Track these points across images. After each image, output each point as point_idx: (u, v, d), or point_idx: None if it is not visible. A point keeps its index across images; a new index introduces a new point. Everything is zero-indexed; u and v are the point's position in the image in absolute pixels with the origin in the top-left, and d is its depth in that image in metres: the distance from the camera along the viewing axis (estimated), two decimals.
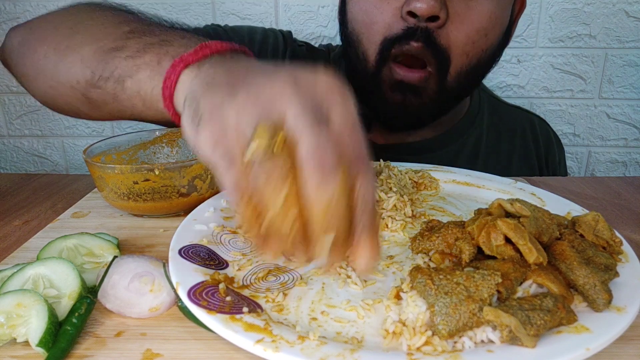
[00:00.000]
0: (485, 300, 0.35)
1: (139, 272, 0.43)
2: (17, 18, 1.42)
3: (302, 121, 0.32)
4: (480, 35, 0.71)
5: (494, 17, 0.71)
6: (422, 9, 0.66)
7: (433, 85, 0.73)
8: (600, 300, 0.37)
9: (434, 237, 0.45)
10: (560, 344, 0.34)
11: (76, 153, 1.59)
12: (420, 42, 0.69)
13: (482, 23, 0.70)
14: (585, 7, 1.38)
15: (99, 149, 0.65)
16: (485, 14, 0.70)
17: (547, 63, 1.44)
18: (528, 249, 0.39)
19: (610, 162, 1.55)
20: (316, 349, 0.33)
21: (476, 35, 0.70)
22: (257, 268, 0.46)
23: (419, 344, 0.35)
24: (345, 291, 0.43)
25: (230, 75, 0.41)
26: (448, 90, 0.74)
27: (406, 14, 0.68)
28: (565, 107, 1.49)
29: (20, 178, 0.78)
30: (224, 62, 0.45)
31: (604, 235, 0.45)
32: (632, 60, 1.43)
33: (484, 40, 0.72)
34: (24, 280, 0.42)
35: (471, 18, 0.69)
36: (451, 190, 0.67)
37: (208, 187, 0.61)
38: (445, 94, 0.75)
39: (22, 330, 0.37)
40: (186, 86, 0.45)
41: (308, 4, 1.38)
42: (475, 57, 0.73)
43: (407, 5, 0.67)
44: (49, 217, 0.62)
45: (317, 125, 0.32)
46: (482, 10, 0.70)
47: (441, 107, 0.79)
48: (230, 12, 1.39)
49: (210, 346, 0.38)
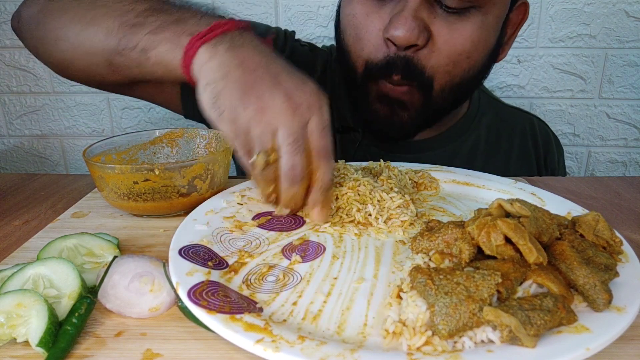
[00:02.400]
0: (485, 300, 0.35)
1: (139, 272, 0.43)
2: None
3: (286, 143, 0.51)
4: (462, 57, 0.70)
5: (477, 41, 0.70)
6: (400, 38, 0.66)
7: (418, 100, 0.74)
8: (600, 300, 0.37)
9: (434, 237, 0.45)
10: (560, 344, 0.34)
11: (76, 153, 1.59)
12: (399, 74, 0.70)
13: (465, 46, 0.69)
14: (585, 7, 1.38)
15: (99, 149, 0.65)
16: (468, 38, 0.69)
17: (547, 63, 1.44)
18: (528, 249, 0.39)
19: (610, 162, 1.55)
20: (316, 349, 0.33)
21: (458, 57, 0.70)
22: (257, 268, 0.46)
23: (419, 344, 0.35)
24: (345, 291, 0.43)
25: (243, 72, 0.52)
26: (434, 104, 0.75)
27: (386, 40, 0.68)
28: (565, 107, 1.49)
29: (20, 178, 0.78)
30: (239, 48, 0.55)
31: (604, 235, 0.45)
32: (632, 60, 1.43)
33: (465, 62, 0.71)
34: (24, 280, 0.42)
35: (454, 41, 0.69)
36: (451, 190, 0.67)
37: (208, 187, 0.61)
38: (432, 107, 0.75)
39: (22, 330, 0.37)
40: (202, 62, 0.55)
41: (308, 4, 1.39)
42: (458, 76, 0.72)
43: (386, 31, 0.67)
44: (49, 217, 0.62)
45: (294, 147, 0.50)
46: (465, 34, 0.69)
47: (430, 118, 0.79)
48: (230, 12, 1.39)
49: (210, 346, 0.38)
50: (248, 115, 0.51)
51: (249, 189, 0.63)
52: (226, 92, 0.52)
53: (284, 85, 0.52)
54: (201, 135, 0.71)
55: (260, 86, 0.52)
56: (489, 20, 0.70)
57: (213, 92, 0.53)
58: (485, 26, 0.70)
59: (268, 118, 0.51)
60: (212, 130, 0.70)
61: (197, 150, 0.71)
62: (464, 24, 0.68)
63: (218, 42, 0.55)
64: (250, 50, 0.55)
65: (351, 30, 0.73)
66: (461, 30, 0.68)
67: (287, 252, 0.49)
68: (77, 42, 0.67)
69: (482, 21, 0.69)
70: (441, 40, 0.68)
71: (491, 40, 0.74)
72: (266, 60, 0.55)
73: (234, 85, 0.52)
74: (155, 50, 0.60)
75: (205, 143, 0.71)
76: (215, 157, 0.60)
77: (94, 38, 0.65)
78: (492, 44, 0.74)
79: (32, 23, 0.72)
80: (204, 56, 0.55)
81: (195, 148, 0.71)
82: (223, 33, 0.56)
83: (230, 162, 0.66)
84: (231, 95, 0.52)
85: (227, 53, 0.54)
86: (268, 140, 0.51)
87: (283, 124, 0.51)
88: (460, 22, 0.68)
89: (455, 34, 0.68)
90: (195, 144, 0.71)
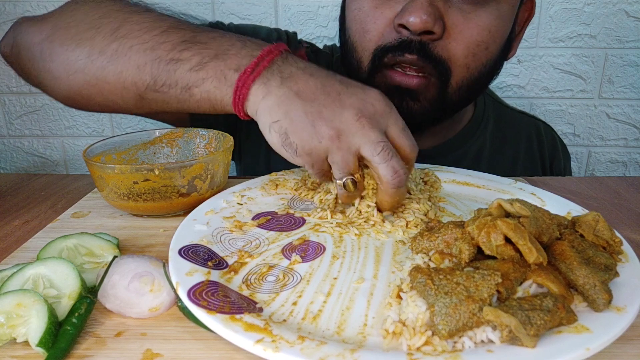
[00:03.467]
0: (485, 300, 0.35)
1: (139, 272, 0.43)
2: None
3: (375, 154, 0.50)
4: (480, 48, 0.69)
5: (495, 30, 0.68)
6: (415, 23, 0.63)
7: (433, 92, 0.71)
8: (600, 300, 0.37)
9: (433, 237, 0.45)
10: (560, 344, 0.34)
11: (76, 153, 1.59)
12: (415, 54, 0.66)
13: (483, 36, 0.68)
14: (585, 7, 1.38)
15: (99, 149, 0.65)
16: (485, 27, 0.67)
17: (547, 63, 1.44)
18: (528, 249, 0.39)
19: (610, 162, 1.55)
20: (316, 349, 0.33)
21: (476, 48, 0.68)
22: (257, 268, 0.46)
23: (419, 344, 0.35)
24: (345, 291, 0.43)
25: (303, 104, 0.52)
26: (449, 100, 0.72)
27: (399, 26, 0.66)
28: (565, 107, 1.49)
29: (20, 178, 0.78)
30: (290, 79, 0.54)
31: (604, 235, 0.45)
32: (632, 60, 1.43)
33: (484, 53, 0.69)
34: (23, 280, 0.42)
35: (470, 31, 0.67)
36: (451, 190, 0.67)
37: (208, 187, 0.61)
38: (446, 102, 0.73)
39: (22, 330, 0.37)
40: (257, 100, 0.54)
41: (308, 4, 1.39)
42: (477, 69, 0.71)
43: (399, 18, 0.65)
44: (49, 217, 0.62)
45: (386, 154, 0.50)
46: (482, 23, 0.67)
47: (442, 112, 0.76)
48: (230, 12, 1.39)
49: (210, 346, 0.38)
50: (324, 145, 0.51)
51: (249, 189, 0.63)
52: (294, 129, 0.51)
53: (348, 102, 0.52)
54: (201, 135, 0.71)
55: (326, 113, 0.51)
56: (504, 9, 0.69)
57: (280, 131, 0.52)
58: (501, 16, 0.69)
59: (346, 142, 0.51)
60: (211, 130, 0.70)
61: (197, 150, 0.71)
62: (479, 13, 0.67)
63: (269, 77, 0.54)
64: (301, 77, 0.54)
65: (357, 25, 0.71)
66: (477, 20, 0.67)
67: (287, 252, 0.49)
68: (100, 77, 0.62)
69: (497, 10, 0.68)
70: (457, 30, 0.66)
71: (506, 32, 0.72)
72: (320, 83, 0.54)
73: (299, 119, 0.51)
74: (199, 88, 0.57)
75: (205, 143, 0.71)
76: (215, 157, 0.60)
77: (122, 73, 0.61)
78: (507, 33, 0.73)
79: (35, 52, 0.66)
80: (258, 94, 0.54)
81: (195, 148, 0.71)
82: (269, 65, 0.55)
83: (230, 162, 0.66)
84: (301, 131, 0.51)
85: (282, 88, 0.53)
86: (352, 162, 0.52)
87: (364, 141, 0.50)
88: (476, 11, 0.67)
89: (471, 23, 0.67)
90: (195, 144, 0.71)
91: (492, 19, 0.68)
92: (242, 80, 0.54)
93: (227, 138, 0.66)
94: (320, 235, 0.53)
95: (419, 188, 0.63)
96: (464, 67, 0.69)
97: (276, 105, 0.52)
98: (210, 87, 0.57)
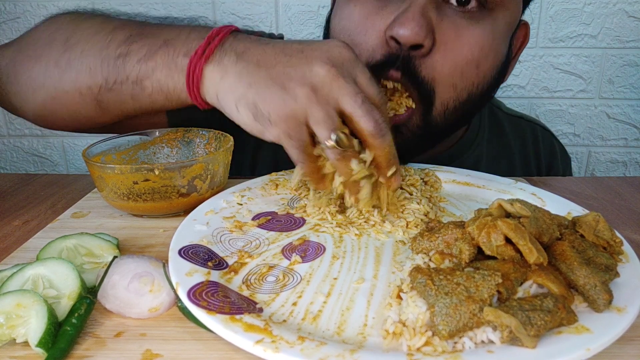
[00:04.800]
0: (485, 301, 0.35)
1: (139, 273, 0.43)
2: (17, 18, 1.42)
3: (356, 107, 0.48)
4: (470, 66, 0.63)
5: (487, 48, 0.64)
6: (405, 36, 0.59)
7: (416, 120, 0.66)
8: (600, 301, 0.37)
9: (434, 237, 0.45)
10: (561, 344, 0.34)
11: (76, 153, 1.59)
12: (399, 71, 0.62)
13: (473, 53, 0.63)
14: (585, 7, 1.38)
15: (99, 149, 0.65)
16: (477, 44, 0.63)
17: (547, 63, 1.44)
18: (528, 249, 0.39)
19: (610, 162, 1.55)
20: (316, 349, 0.33)
21: (465, 66, 0.63)
22: (257, 268, 0.46)
23: (419, 344, 0.35)
24: (345, 291, 0.43)
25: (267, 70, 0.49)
26: (433, 126, 0.67)
27: (389, 38, 0.61)
28: (565, 107, 1.49)
29: (20, 178, 0.78)
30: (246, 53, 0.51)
31: (604, 235, 0.45)
32: (632, 60, 1.43)
33: (474, 72, 0.64)
34: (23, 281, 0.42)
35: (460, 47, 0.62)
36: (451, 190, 0.67)
37: (208, 187, 0.61)
38: (431, 129, 0.67)
39: (22, 331, 0.37)
40: (215, 82, 0.51)
41: (308, 4, 1.39)
42: (465, 90, 0.65)
43: (390, 29, 0.60)
44: (48, 217, 0.62)
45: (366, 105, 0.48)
46: (473, 39, 0.62)
47: (426, 142, 0.72)
48: (231, 12, 1.39)
49: (210, 346, 0.37)
50: (301, 105, 0.47)
51: (248, 189, 0.63)
52: (263, 98, 0.48)
53: (314, 55, 0.49)
54: (201, 135, 0.71)
55: (294, 72, 0.48)
56: (499, 26, 0.65)
57: (248, 106, 0.49)
58: (496, 33, 0.64)
59: (324, 96, 0.48)
60: (212, 130, 0.70)
61: (197, 150, 0.71)
62: (473, 28, 0.62)
63: (221, 56, 0.52)
64: (257, 48, 0.52)
65: (345, 38, 0.65)
66: (469, 36, 0.62)
67: (287, 253, 0.49)
68: (59, 88, 0.62)
69: (492, 26, 0.64)
70: (447, 45, 0.61)
71: (502, 52, 0.67)
72: (279, 48, 0.51)
73: (266, 87, 0.48)
74: (150, 79, 0.56)
75: (205, 143, 0.71)
76: (215, 157, 0.60)
77: (77, 80, 0.60)
78: (502, 56, 0.68)
79: (2, 76, 0.67)
80: (214, 75, 0.51)
81: (195, 148, 0.71)
82: (220, 44, 0.52)
83: (230, 162, 0.66)
84: (271, 97, 0.48)
85: (239, 63, 0.50)
86: (335, 116, 0.48)
87: (342, 94, 0.48)
88: (469, 26, 0.62)
89: (462, 38, 0.62)
90: (195, 144, 0.71)
91: (485, 35, 0.63)
92: (194, 63, 0.52)
93: (227, 138, 0.66)
94: (320, 236, 0.53)
95: (419, 188, 0.63)
96: (450, 86, 0.64)
97: (237, 81, 0.50)
98: (161, 77, 0.55)
